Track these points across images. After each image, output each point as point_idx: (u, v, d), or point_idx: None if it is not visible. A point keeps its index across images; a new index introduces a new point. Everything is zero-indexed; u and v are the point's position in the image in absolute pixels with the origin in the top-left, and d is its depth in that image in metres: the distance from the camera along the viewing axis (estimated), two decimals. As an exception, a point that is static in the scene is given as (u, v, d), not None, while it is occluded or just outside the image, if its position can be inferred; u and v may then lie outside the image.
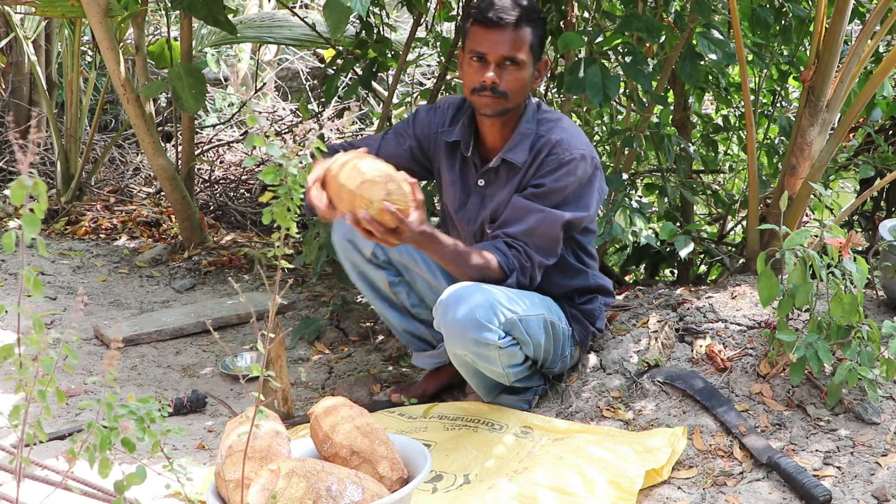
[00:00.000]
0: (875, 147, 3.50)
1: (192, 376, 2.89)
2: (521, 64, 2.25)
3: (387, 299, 2.53)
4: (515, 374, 2.31)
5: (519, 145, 2.32)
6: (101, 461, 1.24)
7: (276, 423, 1.85)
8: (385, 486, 1.78)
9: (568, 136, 2.30)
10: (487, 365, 2.25)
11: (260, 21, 4.26)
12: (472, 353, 2.21)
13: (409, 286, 2.52)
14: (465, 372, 2.34)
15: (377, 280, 2.51)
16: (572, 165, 2.26)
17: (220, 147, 5.55)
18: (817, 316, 2.17)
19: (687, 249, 2.85)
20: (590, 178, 2.30)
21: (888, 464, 1.98)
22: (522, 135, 2.33)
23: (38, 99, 4.91)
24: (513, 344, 2.24)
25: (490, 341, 2.17)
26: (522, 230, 2.26)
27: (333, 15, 2.28)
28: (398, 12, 5.75)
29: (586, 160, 2.28)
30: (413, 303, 2.53)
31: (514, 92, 2.27)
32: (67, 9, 3.71)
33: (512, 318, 2.20)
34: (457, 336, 2.17)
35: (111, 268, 3.82)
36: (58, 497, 1.72)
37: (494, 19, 2.22)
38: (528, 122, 2.33)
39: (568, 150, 2.27)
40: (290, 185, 1.34)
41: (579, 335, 2.46)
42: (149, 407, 1.27)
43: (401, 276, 2.51)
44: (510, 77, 2.25)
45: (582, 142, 2.32)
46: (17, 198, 1.08)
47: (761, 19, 3.04)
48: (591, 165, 2.29)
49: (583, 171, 2.28)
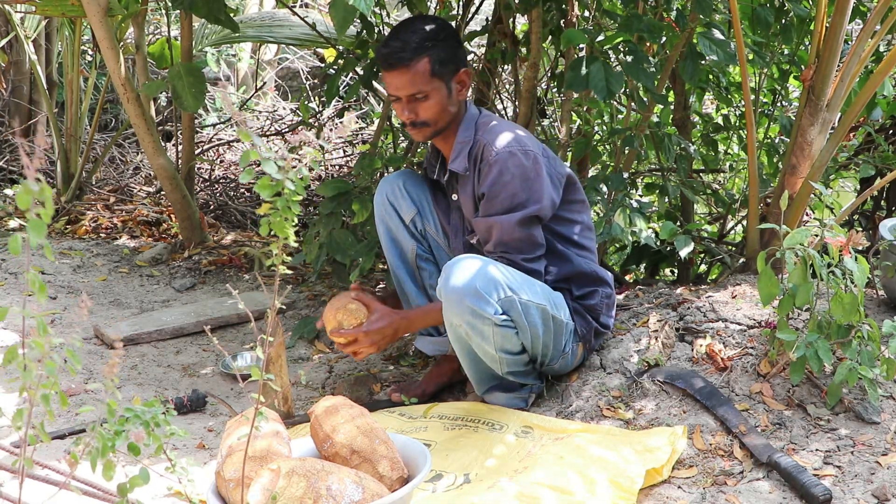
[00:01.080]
0: (875, 146, 3.50)
1: (192, 376, 2.89)
2: (428, 94, 2.34)
3: (411, 272, 2.63)
4: (509, 363, 2.31)
5: (459, 154, 2.40)
6: (104, 464, 1.24)
7: (276, 423, 1.85)
8: (385, 485, 1.78)
9: (493, 137, 2.34)
10: (481, 342, 2.25)
11: (260, 20, 4.26)
12: (466, 325, 2.22)
13: (434, 266, 2.61)
14: (461, 351, 2.34)
15: (407, 248, 2.61)
16: (501, 165, 2.30)
17: (221, 146, 5.55)
18: (817, 315, 2.17)
19: (687, 249, 2.85)
20: (529, 171, 2.31)
21: (888, 463, 1.98)
22: (462, 143, 2.41)
23: (38, 98, 4.92)
24: (509, 324, 2.25)
25: (486, 314, 2.19)
26: (493, 244, 2.35)
27: (339, 14, 2.28)
28: (398, 12, 5.75)
29: (516, 155, 2.30)
30: (432, 283, 2.59)
31: (434, 117, 2.38)
32: (68, 8, 3.71)
33: (511, 296, 2.23)
34: (454, 302, 2.20)
35: (111, 267, 3.82)
36: (59, 497, 1.72)
37: (390, 62, 2.33)
38: (465, 131, 2.41)
39: (493, 150, 2.31)
40: (287, 198, 1.35)
41: (581, 329, 2.45)
42: (154, 411, 1.28)
43: (430, 254, 2.62)
44: (423, 108, 2.36)
45: (510, 140, 2.33)
46: (23, 202, 1.07)
47: (762, 18, 3.04)
48: (526, 158, 2.31)
49: (516, 167, 2.30)
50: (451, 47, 2.37)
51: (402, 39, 2.32)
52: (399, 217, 2.59)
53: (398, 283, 2.64)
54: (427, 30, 2.34)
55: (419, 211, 2.59)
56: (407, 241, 2.60)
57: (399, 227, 2.59)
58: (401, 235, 2.60)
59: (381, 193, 2.61)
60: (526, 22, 3.60)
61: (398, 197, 2.58)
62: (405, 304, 2.65)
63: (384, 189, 2.60)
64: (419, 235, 2.61)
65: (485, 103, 3.72)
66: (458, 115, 2.42)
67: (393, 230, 2.60)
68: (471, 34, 3.76)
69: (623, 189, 2.96)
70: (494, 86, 3.77)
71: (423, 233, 2.60)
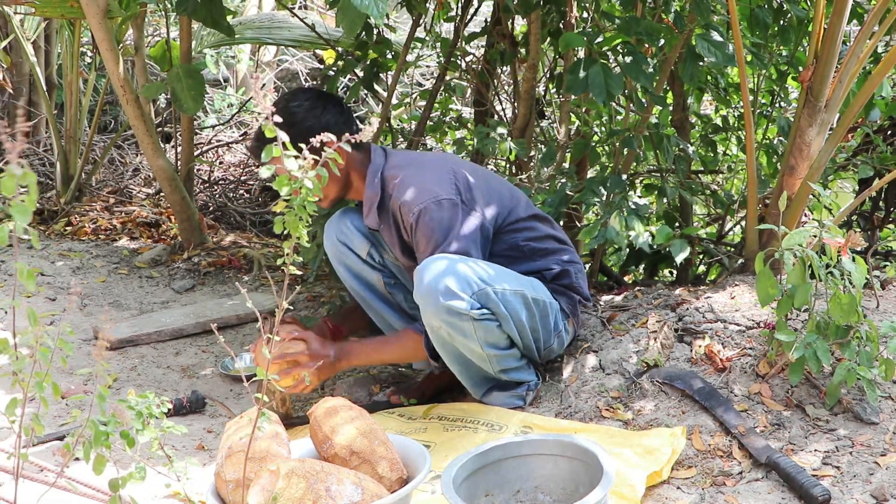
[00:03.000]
0: (873, 147, 3.50)
1: (191, 377, 2.89)
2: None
3: (385, 299, 2.62)
4: (499, 359, 2.32)
5: (370, 211, 2.44)
6: (96, 458, 1.24)
7: (275, 424, 1.85)
8: (385, 486, 1.78)
9: (403, 194, 2.34)
10: (465, 340, 2.26)
11: (259, 22, 4.27)
12: (446, 325, 2.23)
13: (404, 289, 2.61)
14: (448, 357, 2.34)
15: (373, 280, 2.60)
16: (425, 217, 2.31)
17: (220, 148, 5.55)
18: (816, 316, 2.17)
19: (683, 255, 2.85)
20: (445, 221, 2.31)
21: (887, 463, 1.98)
22: (370, 199, 2.44)
23: (37, 100, 4.92)
24: (488, 317, 2.25)
25: (461, 310, 2.20)
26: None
27: (347, 17, 2.28)
28: (398, 13, 5.76)
29: (429, 210, 2.30)
30: (411, 305, 2.57)
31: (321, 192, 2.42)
32: (67, 10, 3.71)
33: (485, 288, 2.24)
34: (430, 303, 2.21)
35: (111, 269, 3.82)
36: (58, 498, 1.72)
37: (255, 157, 2.41)
38: (371, 187, 2.43)
39: (410, 210, 2.33)
40: (304, 196, 1.36)
41: (567, 307, 2.49)
42: (147, 402, 1.28)
43: (395, 279, 2.61)
44: None
45: (420, 194, 2.33)
46: (7, 189, 1.07)
47: (760, 20, 3.05)
48: (439, 209, 2.31)
49: (437, 214, 2.30)
50: (309, 129, 2.24)
51: (260, 135, 2.35)
52: (355, 254, 2.57)
53: (375, 313, 2.64)
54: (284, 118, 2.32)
55: (372, 243, 2.58)
56: (371, 273, 2.60)
57: (358, 263, 2.58)
58: (363, 271, 2.59)
59: (329, 237, 2.59)
60: (525, 23, 3.61)
61: (347, 235, 2.57)
62: (386, 331, 2.65)
63: (331, 232, 2.59)
64: (380, 266, 2.60)
65: (484, 104, 3.73)
66: (353, 173, 2.43)
67: (353, 267, 2.59)
68: (470, 35, 3.77)
69: (622, 191, 2.96)
70: (493, 87, 3.78)
71: (382, 263, 2.59)
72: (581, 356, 2.54)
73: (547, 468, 1.88)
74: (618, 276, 3.79)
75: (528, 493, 1.88)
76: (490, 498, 1.85)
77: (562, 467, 1.86)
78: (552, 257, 2.52)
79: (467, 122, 4.04)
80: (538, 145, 3.73)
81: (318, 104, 2.41)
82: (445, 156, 2.53)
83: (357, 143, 2.42)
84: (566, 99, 3.29)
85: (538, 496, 1.88)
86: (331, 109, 2.41)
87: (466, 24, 3.62)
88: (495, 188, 2.48)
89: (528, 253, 2.48)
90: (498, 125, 3.19)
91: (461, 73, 3.76)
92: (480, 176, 2.49)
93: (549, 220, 2.58)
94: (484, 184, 2.45)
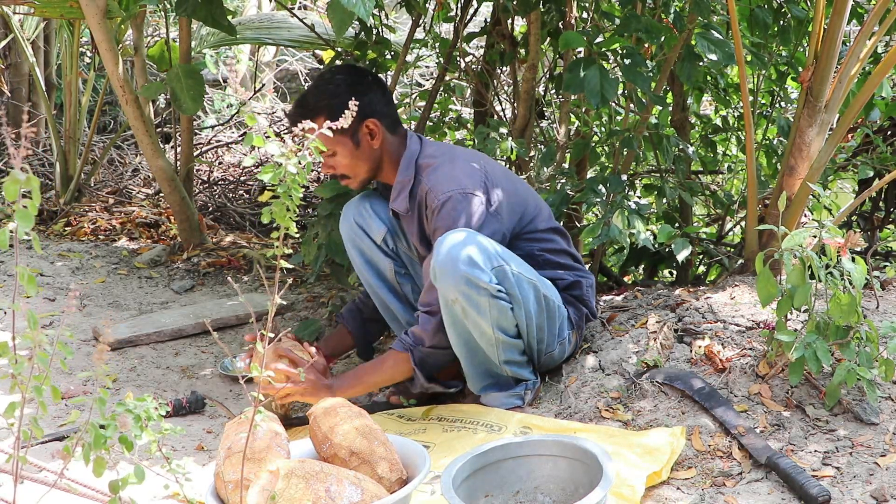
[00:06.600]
0: (873, 147, 3.50)
1: (191, 377, 2.89)
2: (334, 150, 2.41)
3: (392, 289, 2.63)
4: (505, 346, 2.32)
5: (399, 195, 2.45)
6: (95, 460, 1.24)
7: (274, 424, 1.85)
8: (384, 486, 1.78)
9: (434, 181, 2.36)
10: (477, 318, 2.25)
11: (259, 22, 4.27)
12: (463, 297, 2.22)
13: (412, 281, 2.63)
14: (457, 339, 2.32)
15: (384, 267, 2.61)
16: (449, 206, 2.32)
17: (219, 148, 5.55)
18: (816, 316, 2.17)
19: (684, 253, 2.85)
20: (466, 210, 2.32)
21: (887, 464, 1.98)
22: (401, 183, 2.45)
23: (36, 100, 4.92)
24: (504, 296, 2.26)
25: (481, 282, 2.20)
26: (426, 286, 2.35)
27: (336, 17, 2.29)
28: (397, 13, 5.75)
29: (453, 199, 2.31)
30: (415, 298, 2.59)
31: (350, 170, 2.45)
32: (66, 10, 3.71)
33: (503, 266, 2.25)
34: (448, 273, 2.20)
35: (110, 269, 3.82)
36: (58, 499, 1.72)
37: (293, 124, 2.37)
38: (405, 171, 2.45)
39: (436, 197, 2.34)
40: (289, 184, 1.35)
41: (574, 317, 2.50)
42: (146, 405, 1.27)
43: (406, 269, 2.62)
44: (336, 163, 2.44)
45: (451, 183, 2.34)
46: (10, 193, 1.07)
47: (760, 20, 3.05)
48: (465, 201, 2.32)
49: (461, 206, 2.31)
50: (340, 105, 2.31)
51: (301, 102, 2.40)
52: (370, 238, 2.58)
53: (381, 302, 2.65)
54: (327, 88, 2.39)
55: (389, 229, 2.59)
56: (383, 260, 2.60)
57: (372, 248, 2.59)
58: (376, 256, 2.60)
59: (347, 218, 2.60)
60: (524, 23, 3.61)
61: (366, 218, 2.58)
62: (390, 322, 2.67)
63: (350, 213, 2.60)
64: (392, 254, 2.60)
65: (484, 105, 3.73)
66: (386, 157, 2.45)
67: (366, 252, 2.60)
68: (469, 35, 3.77)
69: (622, 191, 2.96)
70: (493, 87, 3.78)
71: (395, 251, 2.60)
72: (581, 356, 2.54)
73: (546, 469, 1.88)
74: (618, 277, 3.79)
75: (527, 493, 1.88)
76: (489, 499, 1.85)
77: (561, 468, 1.86)
78: (565, 270, 2.54)
79: (467, 122, 4.04)
80: (538, 145, 3.73)
81: (362, 81, 2.45)
82: (478, 153, 2.55)
83: (391, 127, 2.46)
84: (566, 99, 3.29)
85: (538, 497, 1.88)
86: (375, 89, 2.45)
87: (466, 24, 3.62)
88: (521, 194, 2.51)
89: (541, 263, 2.49)
90: (498, 125, 3.19)
91: (461, 73, 3.76)
92: (509, 179, 2.51)
93: (568, 236, 2.60)
94: (510, 186, 2.47)
